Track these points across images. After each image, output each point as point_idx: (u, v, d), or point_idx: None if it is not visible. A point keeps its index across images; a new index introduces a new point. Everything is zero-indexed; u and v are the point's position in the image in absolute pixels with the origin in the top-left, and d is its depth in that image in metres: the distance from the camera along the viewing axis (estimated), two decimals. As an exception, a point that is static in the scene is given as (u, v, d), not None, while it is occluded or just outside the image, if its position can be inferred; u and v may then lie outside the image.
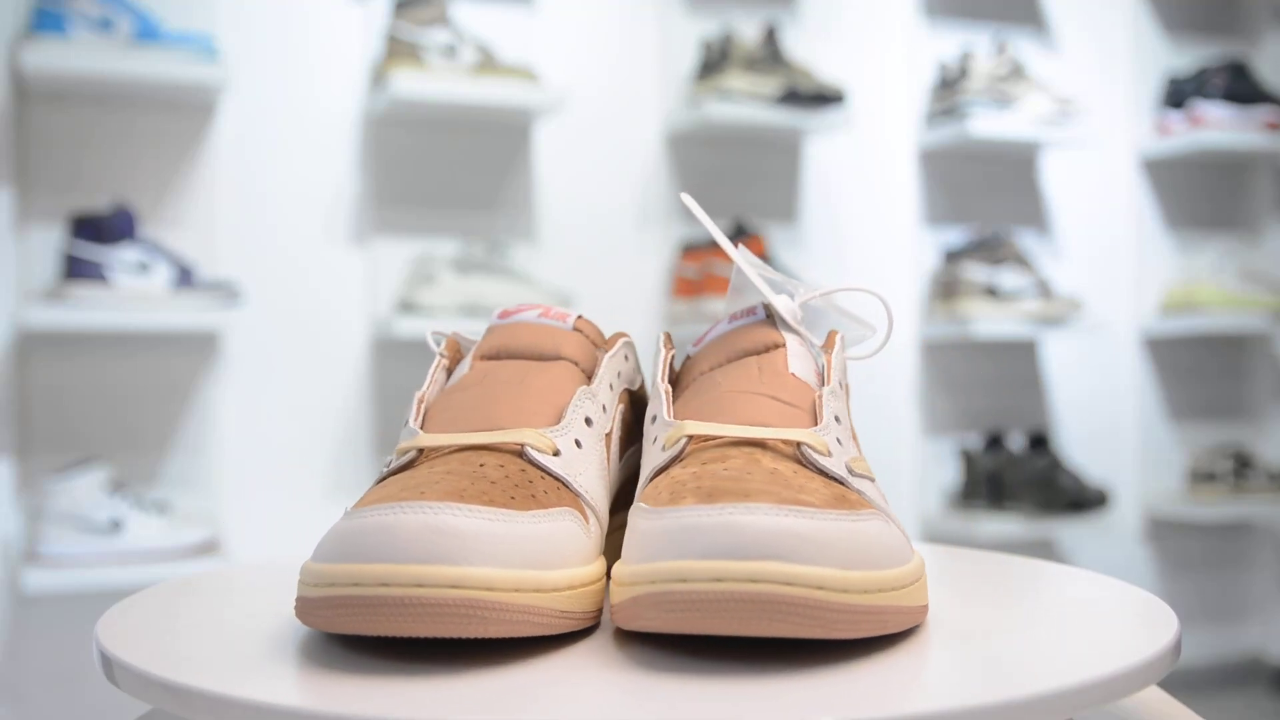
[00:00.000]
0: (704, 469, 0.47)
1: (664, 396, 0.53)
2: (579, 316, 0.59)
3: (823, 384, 0.55)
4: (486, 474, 0.48)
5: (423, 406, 0.54)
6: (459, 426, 0.52)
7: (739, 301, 0.62)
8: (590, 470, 0.52)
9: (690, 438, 0.50)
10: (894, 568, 0.44)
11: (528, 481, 0.48)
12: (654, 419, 0.53)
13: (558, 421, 0.53)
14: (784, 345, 0.57)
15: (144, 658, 0.44)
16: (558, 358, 0.57)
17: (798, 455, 0.49)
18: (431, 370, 0.57)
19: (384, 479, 0.50)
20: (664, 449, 0.50)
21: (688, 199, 0.58)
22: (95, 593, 1.65)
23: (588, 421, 0.53)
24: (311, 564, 0.44)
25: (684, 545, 0.42)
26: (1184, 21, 2.74)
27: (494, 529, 0.43)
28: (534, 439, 0.51)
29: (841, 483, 0.48)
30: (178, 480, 1.95)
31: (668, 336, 0.60)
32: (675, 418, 0.52)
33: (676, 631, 0.42)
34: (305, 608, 0.44)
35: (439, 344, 0.59)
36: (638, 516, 0.46)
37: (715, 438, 0.50)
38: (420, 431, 0.52)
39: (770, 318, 0.59)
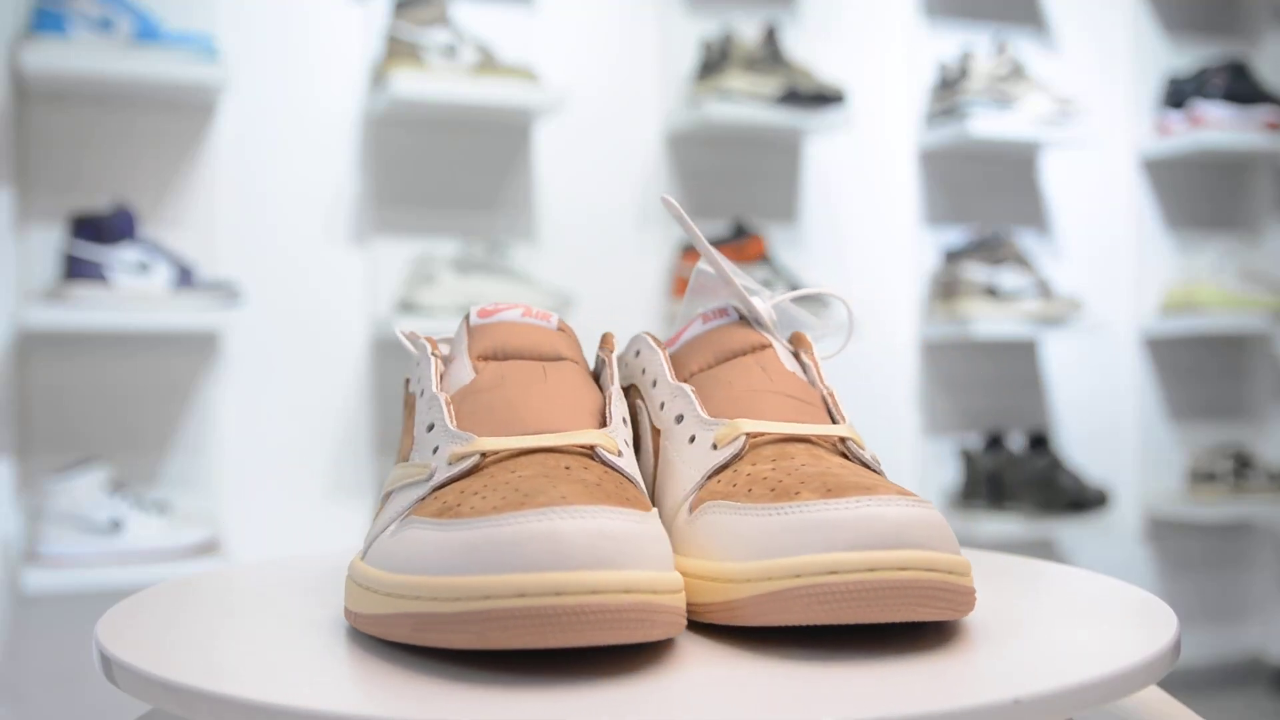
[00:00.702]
0: (781, 465, 0.48)
1: (692, 396, 0.54)
2: (558, 318, 0.59)
3: (818, 382, 0.57)
4: (583, 476, 0.45)
5: (452, 409, 0.51)
6: (506, 429, 0.49)
7: (700, 303, 0.62)
8: (637, 469, 0.52)
9: (747, 436, 0.51)
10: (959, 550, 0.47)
11: (614, 483, 0.46)
12: (680, 418, 0.53)
13: (603, 422, 0.52)
14: (771, 346, 0.58)
15: (144, 658, 0.44)
16: (560, 358, 0.55)
17: (843, 450, 0.52)
18: (434, 371, 0.54)
19: (444, 485, 0.47)
20: (715, 447, 0.51)
21: (669, 201, 0.57)
22: (95, 593, 1.65)
23: (624, 421, 0.54)
24: (441, 578, 0.41)
25: (828, 538, 0.43)
26: (1184, 21, 2.74)
27: (643, 530, 0.42)
28: (602, 440, 0.49)
29: (881, 474, 0.50)
30: (178, 480, 1.95)
31: (655, 338, 0.60)
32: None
33: (823, 623, 0.43)
34: (438, 624, 0.41)
35: (416, 343, 0.58)
36: (725, 514, 0.47)
37: (764, 435, 0.51)
38: (473, 435, 0.48)
39: (743, 319, 0.60)
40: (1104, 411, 2.64)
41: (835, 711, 0.37)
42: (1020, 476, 2.35)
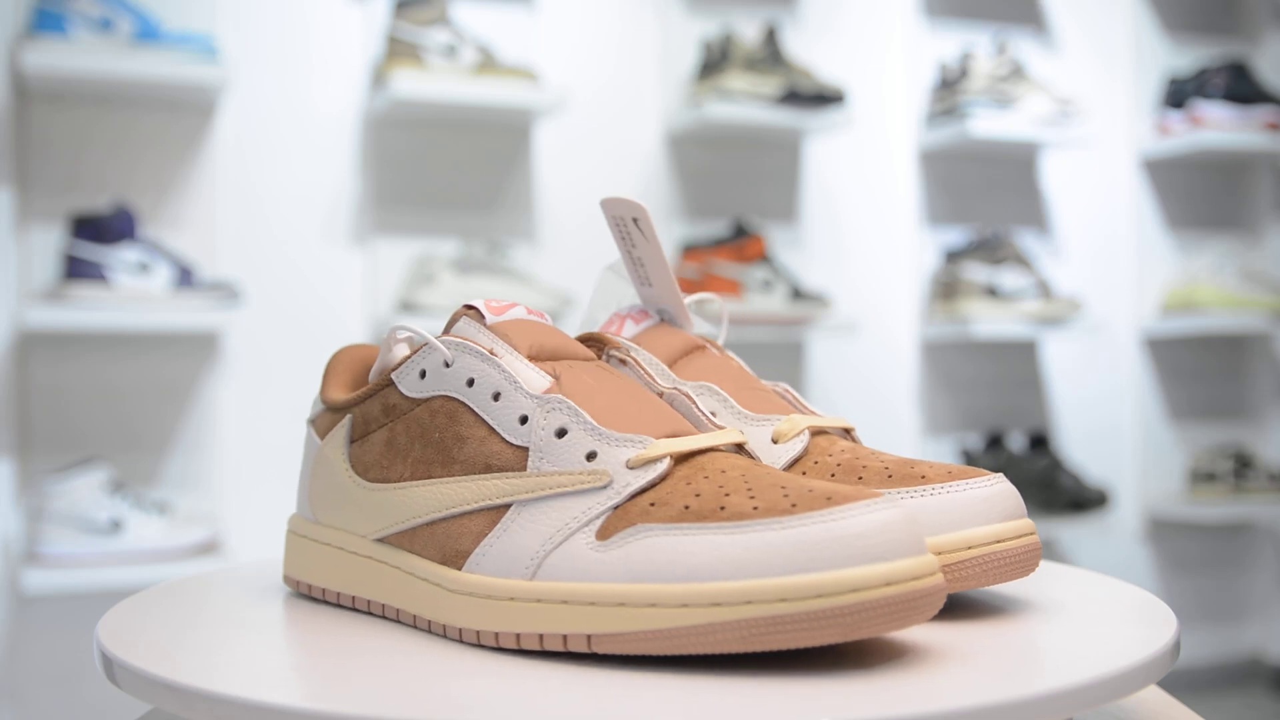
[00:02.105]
0: (859, 457, 0.53)
1: (725, 394, 0.56)
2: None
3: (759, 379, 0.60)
4: (804, 471, 0.52)
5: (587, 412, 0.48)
6: (644, 431, 0.47)
7: (606, 304, 0.63)
8: None
9: (811, 431, 0.55)
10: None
11: (842, 476, 0.52)
12: (714, 414, 0.54)
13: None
14: (706, 345, 0.60)
15: (144, 658, 0.44)
16: (590, 358, 0.53)
17: (853, 439, 0.57)
18: (513, 370, 0.49)
19: (643, 490, 0.45)
20: (775, 442, 0.54)
21: (606, 202, 0.58)
22: (95, 593, 1.65)
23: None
24: (795, 578, 0.40)
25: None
26: (1184, 21, 2.74)
27: (912, 516, 0.43)
28: (739, 437, 0.49)
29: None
30: (178, 480, 1.95)
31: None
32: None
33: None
34: (793, 623, 0.40)
35: (449, 343, 0.51)
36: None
37: (812, 429, 0.55)
38: (648, 438, 0.46)
39: (664, 321, 0.62)
40: (1104, 411, 2.64)
41: (835, 711, 0.37)
42: (1020, 476, 2.35)
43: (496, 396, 0.49)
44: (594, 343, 0.57)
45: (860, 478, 0.51)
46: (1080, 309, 2.39)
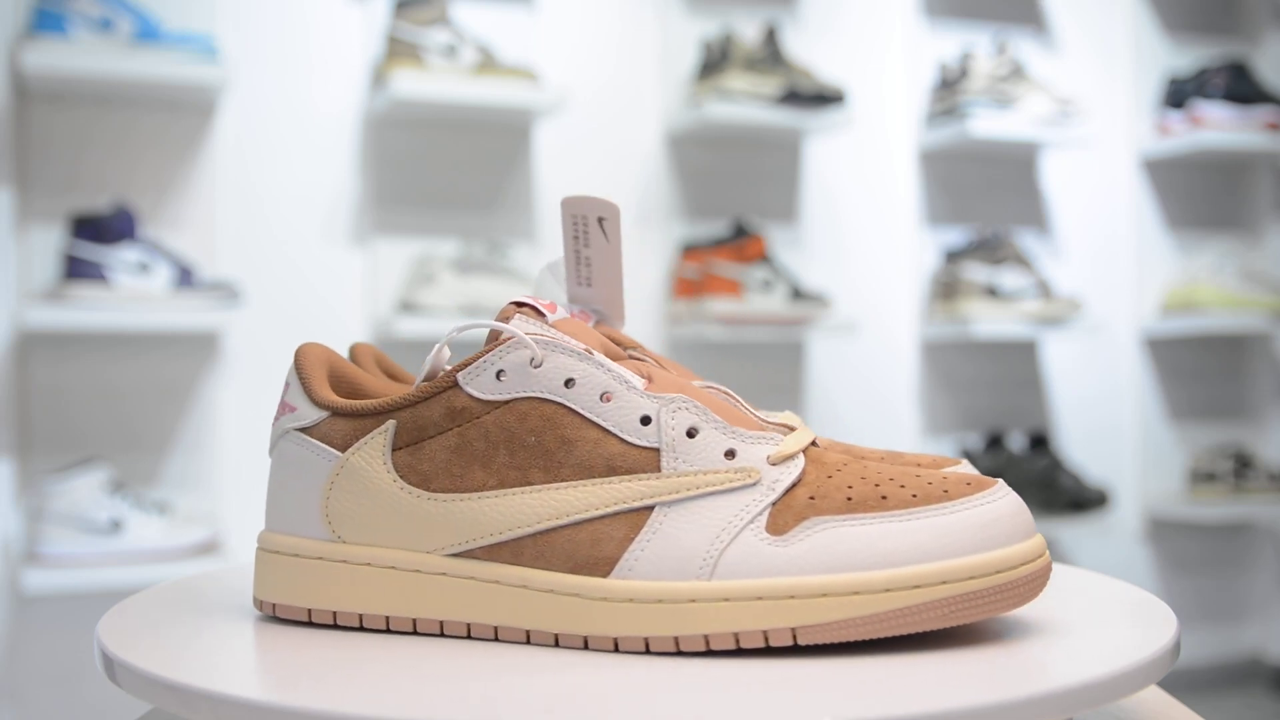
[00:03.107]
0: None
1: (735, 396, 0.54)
2: None
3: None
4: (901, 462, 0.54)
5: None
6: (748, 428, 0.49)
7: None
8: None
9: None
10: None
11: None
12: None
13: None
14: (641, 348, 0.59)
15: (145, 658, 0.44)
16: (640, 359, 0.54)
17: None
18: (633, 373, 0.49)
19: (795, 485, 0.46)
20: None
21: (566, 201, 0.57)
22: (95, 593, 1.65)
23: None
24: (985, 555, 0.44)
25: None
26: (1184, 21, 2.74)
27: None
28: (812, 433, 0.51)
29: None
30: (178, 480, 1.95)
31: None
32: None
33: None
34: (986, 598, 0.44)
35: (569, 349, 0.49)
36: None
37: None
38: (778, 435, 0.48)
39: (599, 323, 0.60)
40: (1104, 411, 2.64)
41: (835, 711, 0.37)
42: (1020, 476, 2.35)
43: (606, 397, 0.48)
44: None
45: (881, 493, 0.48)
46: (1080, 309, 2.39)
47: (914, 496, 0.45)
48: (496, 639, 0.47)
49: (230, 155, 1.99)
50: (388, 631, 0.49)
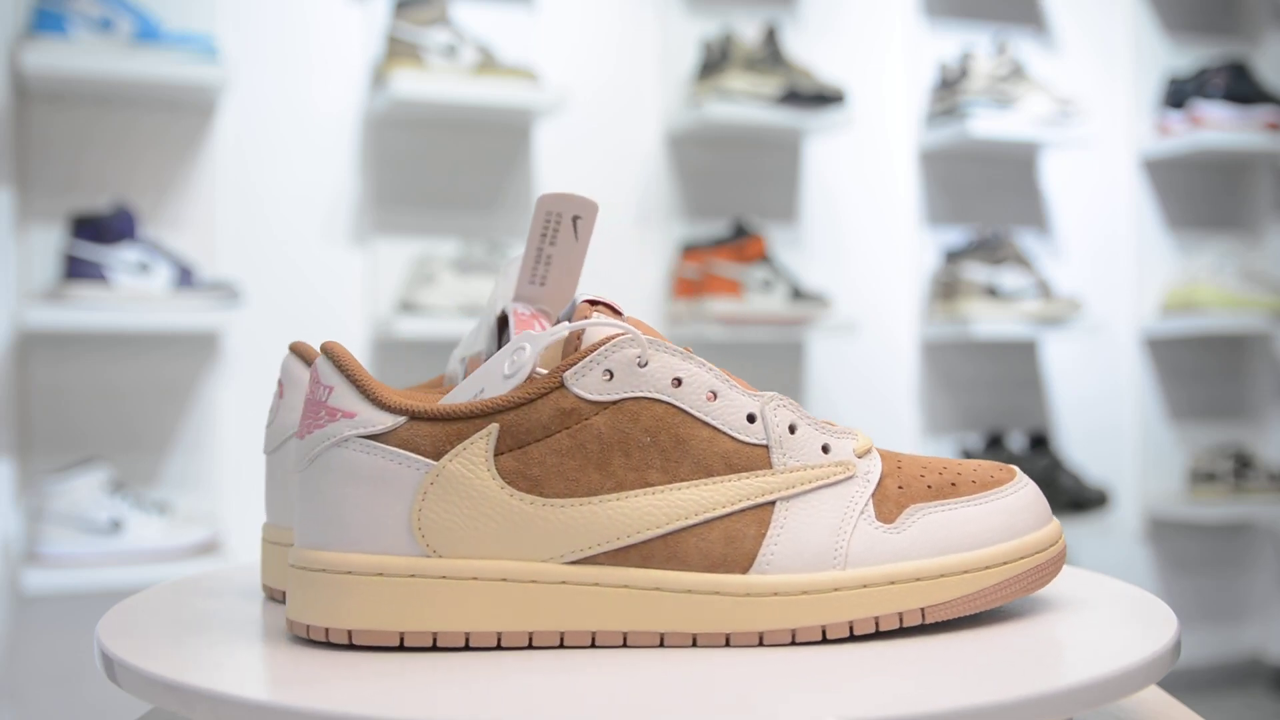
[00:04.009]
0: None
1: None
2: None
3: None
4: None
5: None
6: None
7: (505, 298, 0.60)
8: None
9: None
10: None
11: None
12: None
13: None
14: None
15: (145, 658, 0.44)
16: None
17: None
18: (726, 375, 0.50)
19: (885, 475, 0.50)
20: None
21: (544, 198, 0.57)
22: (95, 593, 1.65)
23: None
24: (1035, 535, 0.50)
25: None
26: (1184, 21, 2.74)
27: None
28: None
29: None
30: (178, 480, 1.95)
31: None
32: None
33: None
34: (1041, 571, 0.49)
35: (681, 354, 0.49)
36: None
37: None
38: (852, 431, 0.51)
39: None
40: (1104, 411, 2.64)
41: (835, 711, 0.37)
42: (1020, 476, 2.34)
43: (712, 396, 0.48)
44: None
45: (948, 480, 0.51)
46: (1080, 309, 2.39)
47: (973, 483, 0.50)
48: (625, 645, 0.46)
49: (230, 155, 1.99)
50: (498, 649, 0.46)
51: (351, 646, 0.46)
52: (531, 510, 0.46)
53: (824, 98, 2.18)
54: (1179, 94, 2.59)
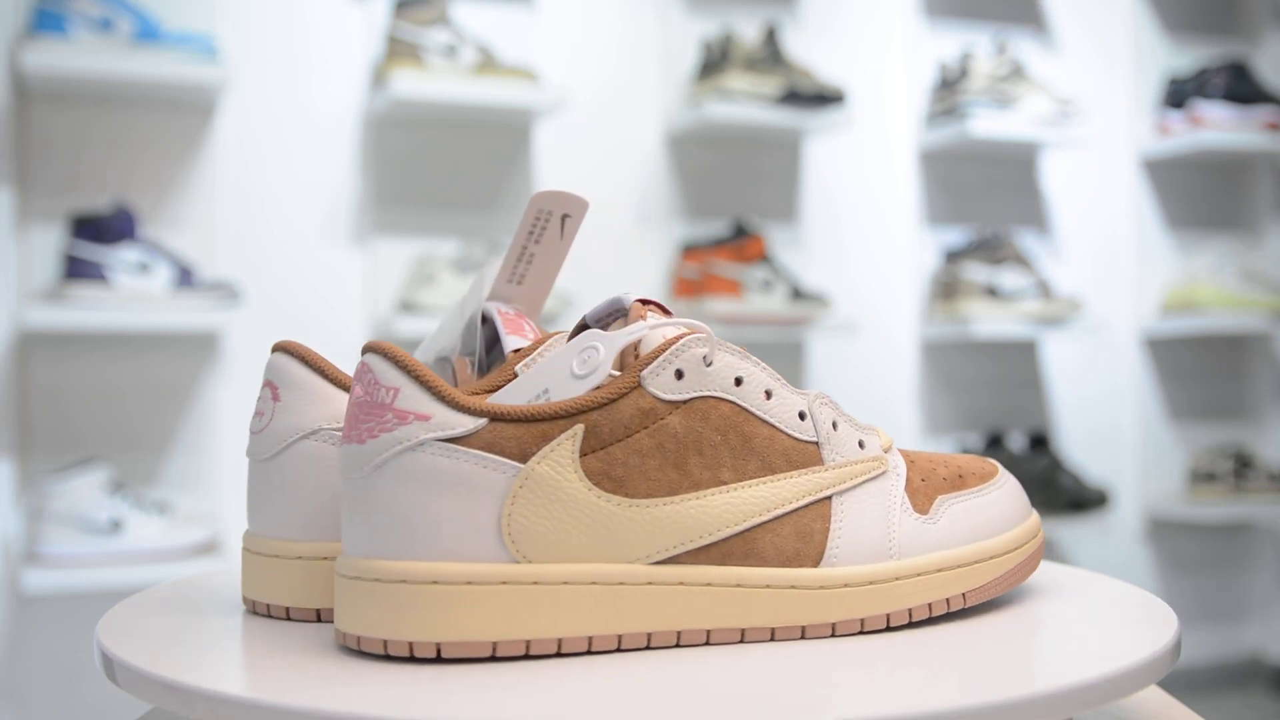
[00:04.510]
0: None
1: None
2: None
3: None
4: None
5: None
6: None
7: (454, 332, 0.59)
8: None
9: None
10: None
11: None
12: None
13: None
14: None
15: (145, 657, 0.44)
16: None
17: None
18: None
19: (909, 466, 0.52)
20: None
21: (542, 195, 0.56)
22: (95, 593, 1.65)
23: None
24: (1033, 518, 0.55)
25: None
26: (1184, 21, 2.74)
27: None
28: None
29: None
30: (178, 480, 1.95)
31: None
32: None
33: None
34: (1033, 562, 0.53)
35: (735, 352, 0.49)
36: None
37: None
38: (874, 426, 0.53)
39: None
40: (1104, 411, 2.64)
41: (835, 711, 0.37)
42: (1020, 476, 2.33)
43: (769, 394, 0.49)
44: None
45: (956, 472, 0.55)
46: (1080, 309, 2.39)
47: (975, 475, 0.53)
48: (708, 643, 0.46)
49: (230, 155, 2.00)
50: (589, 654, 0.45)
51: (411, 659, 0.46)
52: (618, 511, 0.45)
53: (824, 98, 2.18)
54: (1179, 94, 2.59)
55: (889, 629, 0.48)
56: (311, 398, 0.53)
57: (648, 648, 0.46)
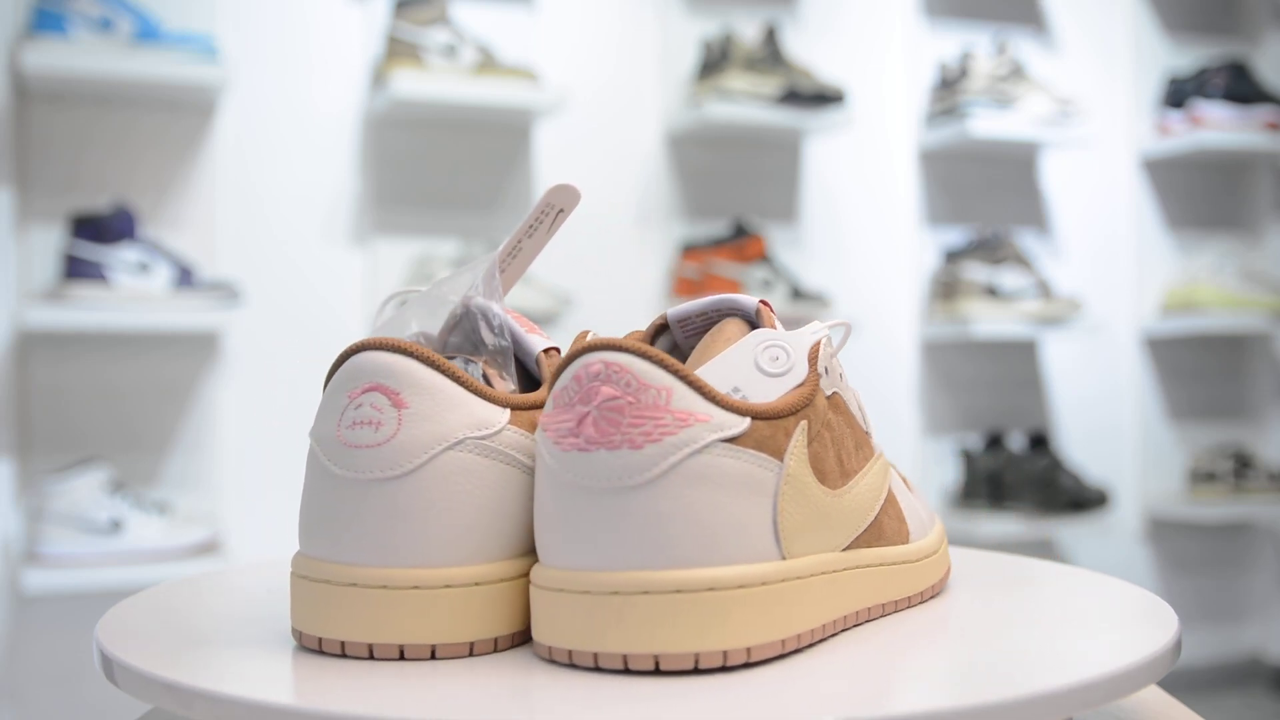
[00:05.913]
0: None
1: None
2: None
3: None
4: None
5: None
6: None
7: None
8: None
9: None
10: None
11: None
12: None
13: None
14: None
15: (144, 658, 0.44)
16: None
17: None
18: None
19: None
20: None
21: (559, 189, 0.56)
22: (95, 593, 1.65)
23: None
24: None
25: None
26: (1184, 21, 2.74)
27: None
28: None
29: None
30: (178, 480, 1.95)
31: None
32: None
33: None
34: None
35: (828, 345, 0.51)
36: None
37: None
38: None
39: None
40: (1104, 411, 2.64)
41: (835, 711, 0.37)
42: (1020, 476, 2.35)
43: (845, 386, 0.53)
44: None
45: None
46: (1080, 309, 2.39)
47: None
48: (868, 620, 0.51)
49: (230, 155, 2.00)
50: (816, 645, 0.46)
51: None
52: (830, 502, 0.47)
53: (824, 98, 2.18)
54: (1179, 94, 2.59)
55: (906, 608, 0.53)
56: (450, 403, 0.46)
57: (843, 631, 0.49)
